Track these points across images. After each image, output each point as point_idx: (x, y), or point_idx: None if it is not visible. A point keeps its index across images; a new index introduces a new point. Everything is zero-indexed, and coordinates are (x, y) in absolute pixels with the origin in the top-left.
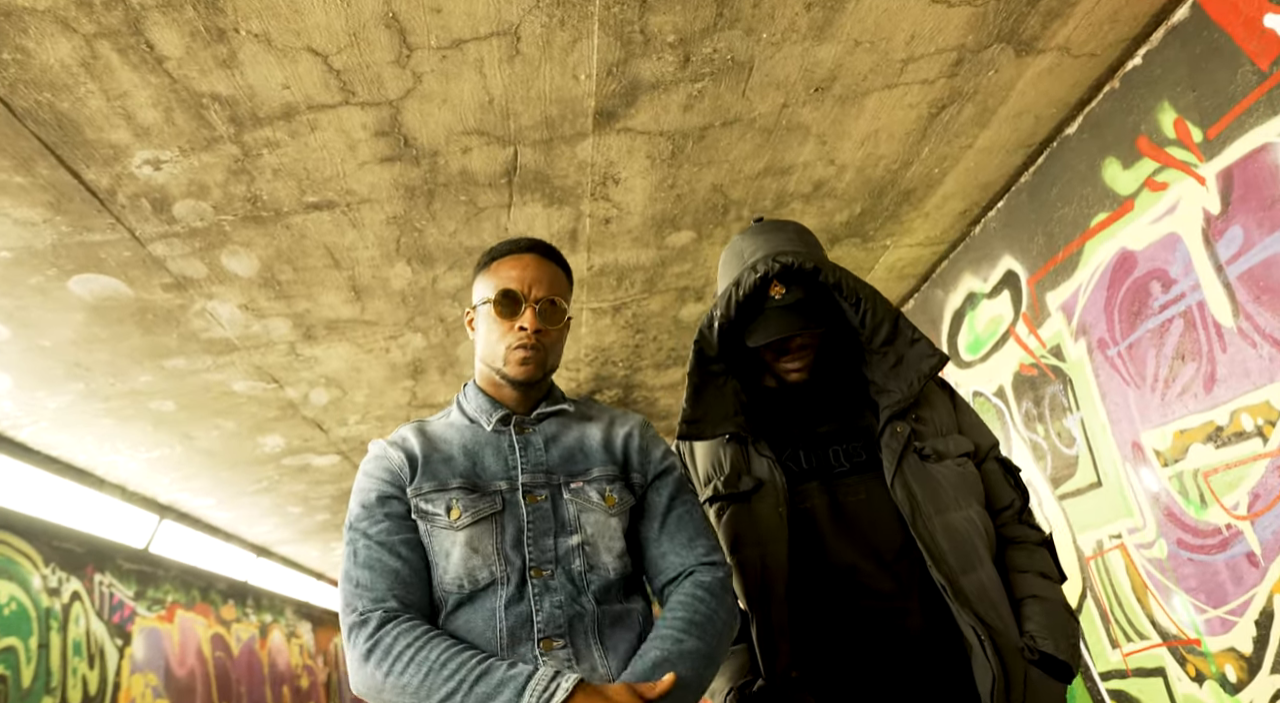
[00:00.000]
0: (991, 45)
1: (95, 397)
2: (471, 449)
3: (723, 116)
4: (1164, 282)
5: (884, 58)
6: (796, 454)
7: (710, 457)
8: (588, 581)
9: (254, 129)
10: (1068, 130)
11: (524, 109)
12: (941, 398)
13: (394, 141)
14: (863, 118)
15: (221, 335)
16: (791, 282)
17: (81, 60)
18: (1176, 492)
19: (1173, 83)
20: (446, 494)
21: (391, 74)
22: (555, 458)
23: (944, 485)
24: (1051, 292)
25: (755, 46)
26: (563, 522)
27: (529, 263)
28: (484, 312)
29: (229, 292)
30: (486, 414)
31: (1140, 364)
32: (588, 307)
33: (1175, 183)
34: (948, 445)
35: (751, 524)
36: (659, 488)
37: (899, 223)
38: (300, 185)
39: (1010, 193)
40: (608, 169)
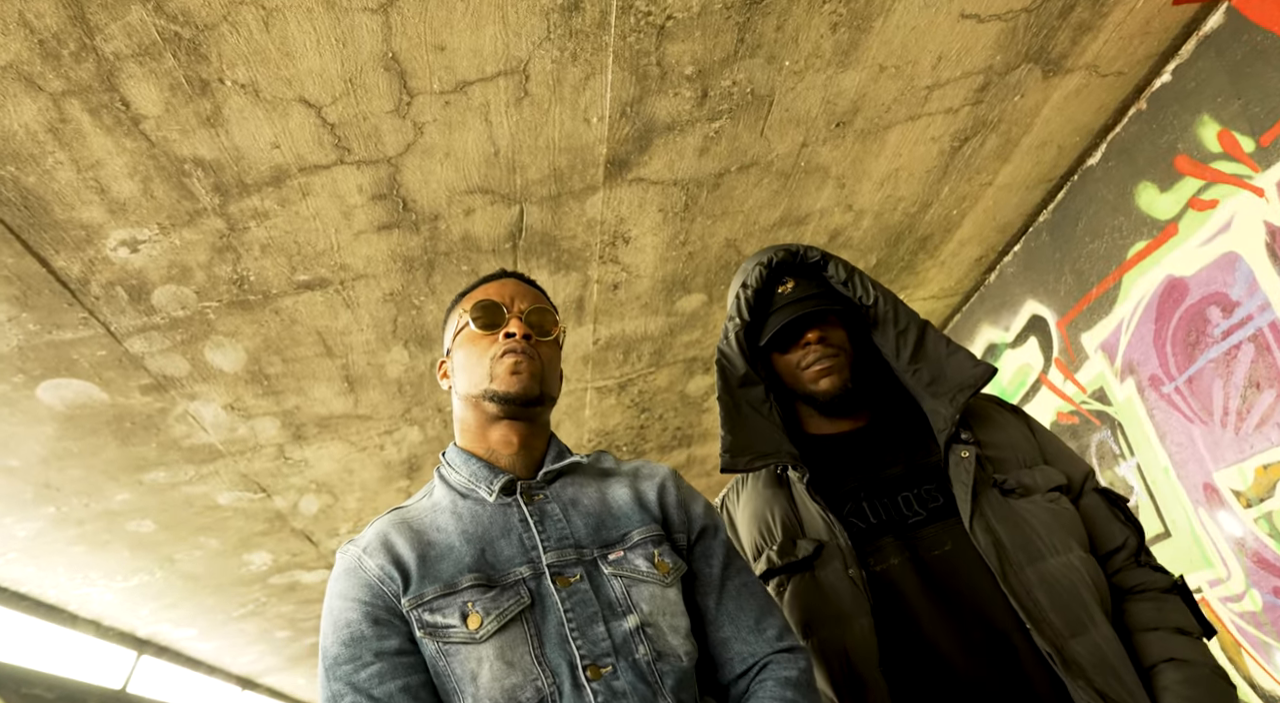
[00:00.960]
0: (1020, 66)
1: (68, 522)
2: (475, 533)
3: (739, 160)
4: (1224, 306)
5: (909, 84)
6: (861, 507)
7: (756, 522)
8: (660, 674)
9: (241, 198)
10: (1090, 161)
11: (531, 161)
12: (1013, 422)
13: (392, 206)
14: (884, 155)
15: (205, 441)
16: (802, 276)
17: (49, 125)
18: (1267, 534)
19: (1212, 94)
20: (458, 598)
21: (390, 126)
22: (582, 527)
23: (1035, 527)
24: (1087, 332)
25: (777, 76)
26: (610, 603)
27: (507, 283)
28: (462, 338)
29: (213, 390)
30: (485, 483)
31: (1205, 398)
32: (592, 385)
33: (1227, 199)
34: (1035, 478)
35: (822, 597)
36: (707, 553)
37: (914, 274)
38: (291, 262)
39: (1028, 234)
40: (618, 226)
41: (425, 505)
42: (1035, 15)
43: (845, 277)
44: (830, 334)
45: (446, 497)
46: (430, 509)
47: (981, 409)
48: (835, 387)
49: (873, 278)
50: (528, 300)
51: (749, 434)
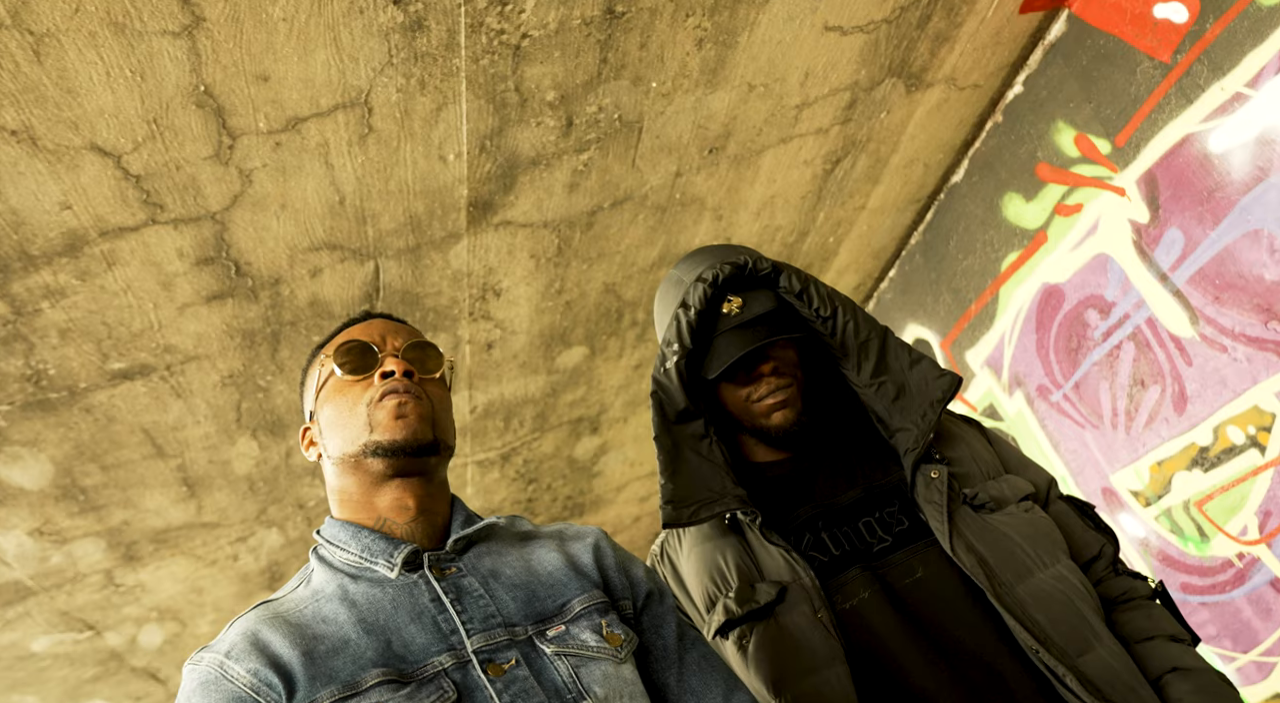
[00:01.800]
0: (884, 81)
1: None
2: (376, 620)
3: (612, 195)
4: (1101, 307)
5: (779, 103)
6: (820, 539)
7: (707, 569)
8: None
9: (26, 274)
10: (954, 178)
11: (383, 208)
12: (970, 433)
13: (222, 271)
14: (758, 182)
15: (9, 578)
16: (750, 290)
17: None
18: (1168, 531)
19: (1064, 100)
20: (364, 700)
21: (211, 174)
22: (510, 601)
23: (1016, 541)
24: (970, 350)
25: (645, 100)
26: (557, 689)
27: (374, 322)
28: (328, 392)
29: (14, 515)
30: (383, 557)
31: (1093, 402)
32: (473, 460)
33: (1090, 201)
34: (1003, 489)
35: (791, 648)
36: (657, 622)
37: None
38: (100, 348)
39: (902, 257)
40: (487, 278)
41: (302, 595)
42: (895, 26)
43: (800, 287)
44: (783, 359)
45: (330, 581)
46: (310, 599)
47: (941, 423)
48: (789, 421)
49: (829, 287)
50: (402, 336)
51: (690, 480)
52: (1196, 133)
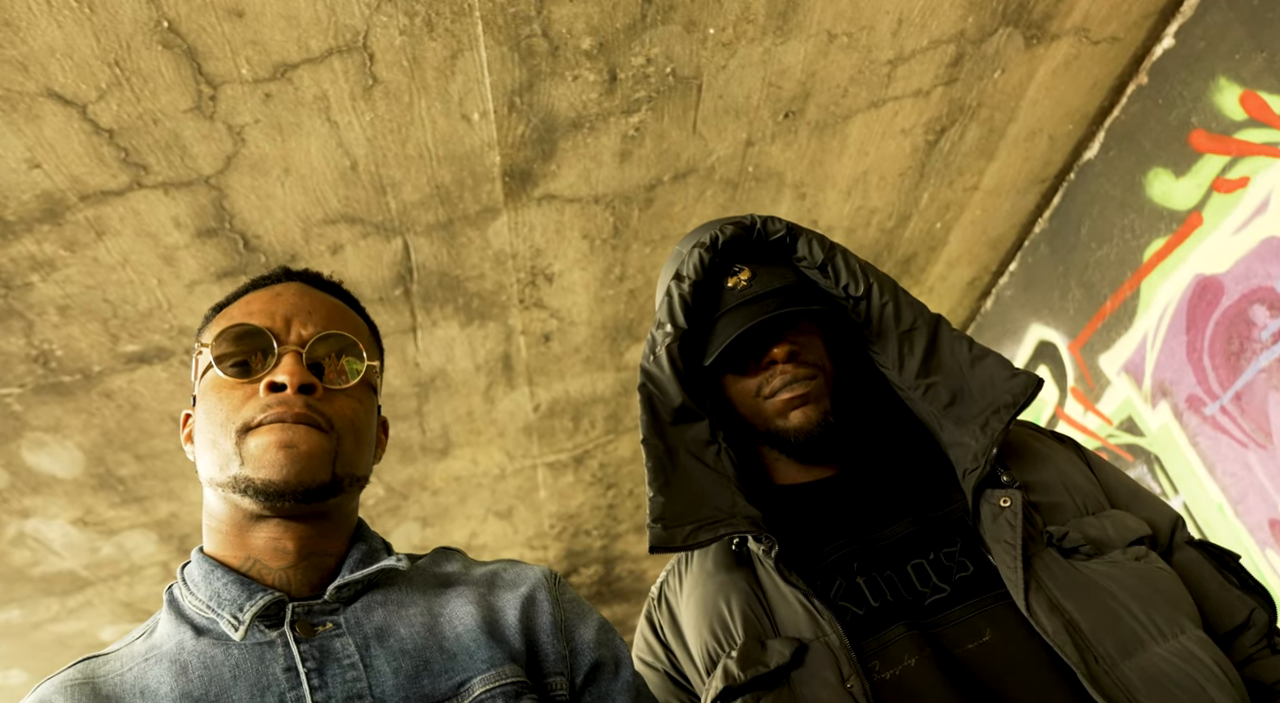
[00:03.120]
0: (996, 31)
1: None
2: (202, 697)
3: (672, 166)
4: (1271, 302)
5: (866, 57)
6: (855, 585)
7: (707, 618)
8: None
9: (6, 242)
10: (1087, 152)
11: (404, 175)
12: (1063, 453)
13: (229, 244)
14: (846, 154)
15: (62, 567)
16: (761, 262)
17: None
18: None
19: (1227, 52)
20: None
21: (195, 131)
22: (390, 676)
23: (1122, 599)
24: (1105, 354)
25: (701, 50)
26: None
27: (285, 292)
28: (204, 389)
29: (51, 503)
30: (230, 608)
31: (1259, 416)
32: (542, 461)
33: (1259, 174)
34: (1106, 528)
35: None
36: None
37: None
38: (108, 328)
39: (1025, 248)
40: (535, 260)
41: (135, 651)
42: None
43: (823, 258)
44: (803, 344)
45: (173, 635)
46: (139, 658)
47: (1019, 439)
48: (811, 422)
49: (861, 260)
50: (315, 320)
51: (689, 494)
52: None
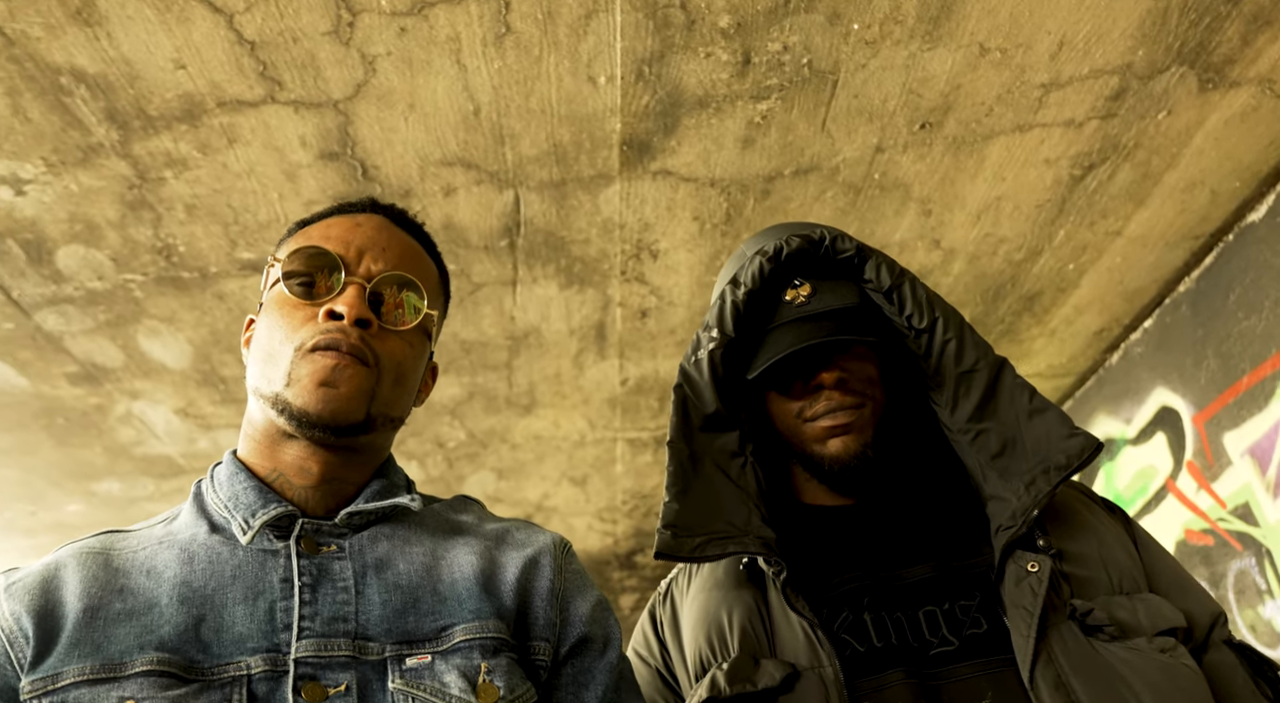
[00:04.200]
0: (1168, 69)
1: (14, 530)
2: (201, 588)
3: (795, 160)
4: None
5: (1018, 78)
6: (861, 620)
7: (706, 624)
8: None
9: (146, 135)
10: (1252, 215)
11: (524, 128)
12: (1110, 526)
13: (349, 170)
14: (982, 176)
15: (161, 451)
16: (825, 278)
17: None
18: None
19: None
20: (114, 689)
21: (331, 55)
22: (379, 605)
23: (1136, 689)
24: (1232, 432)
25: (843, 45)
26: None
27: (365, 223)
28: (269, 302)
29: (158, 389)
30: (243, 512)
31: None
32: (623, 436)
33: None
34: (1137, 614)
35: None
36: (582, 678)
37: (1016, 342)
38: (228, 232)
39: (1164, 305)
40: (642, 234)
41: (154, 534)
42: None
43: (890, 284)
44: (855, 371)
45: (190, 526)
46: (155, 542)
47: (1066, 503)
48: (850, 453)
49: (930, 291)
50: (388, 257)
51: (706, 505)
52: None
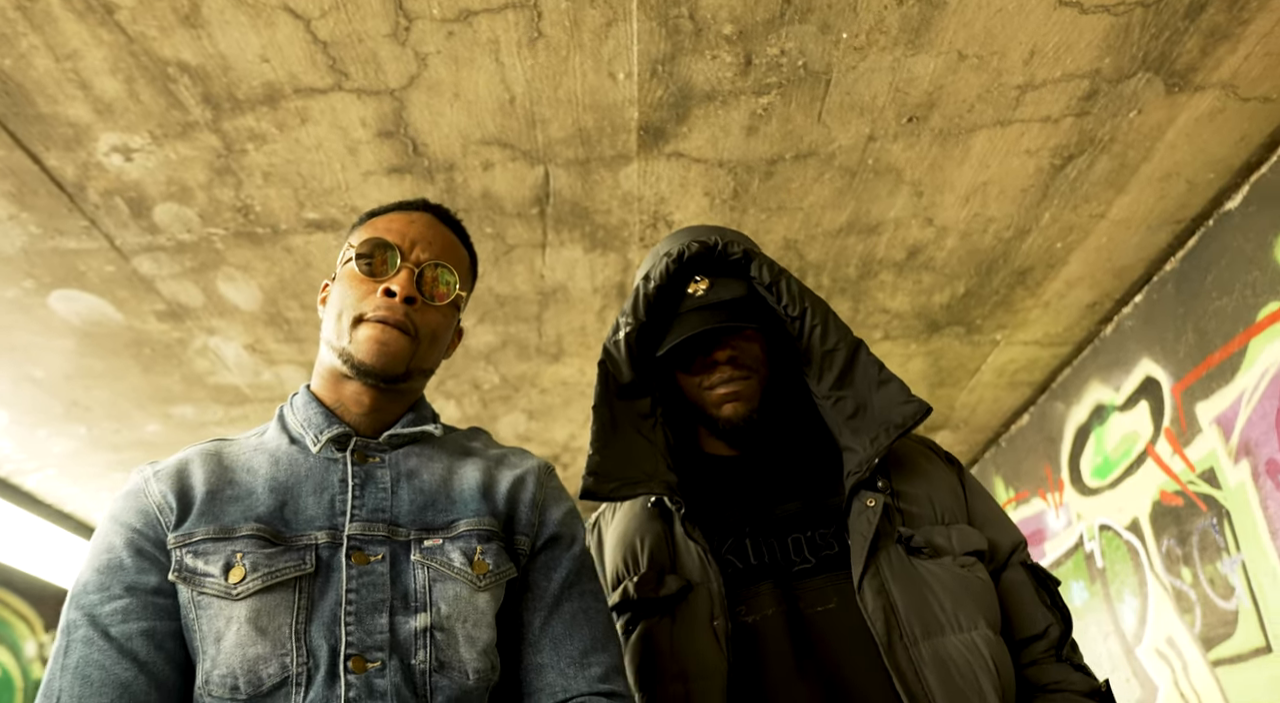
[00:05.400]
0: (1135, 74)
1: (102, 445)
2: (284, 482)
3: (795, 146)
4: None
5: (995, 80)
6: (743, 545)
7: (623, 547)
8: (434, 686)
9: (234, 115)
10: (1229, 203)
11: (553, 115)
12: (943, 473)
13: (401, 147)
14: (968, 163)
15: (230, 381)
16: (719, 275)
17: (15, 2)
18: None
19: None
20: (229, 545)
21: (390, 52)
22: (407, 503)
23: (939, 594)
24: (1203, 402)
25: (834, 51)
26: (405, 594)
27: (416, 219)
28: (344, 272)
29: (232, 327)
30: (316, 431)
31: None
32: None
33: None
34: (949, 538)
35: (674, 649)
36: (550, 564)
37: (1011, 312)
38: (297, 196)
39: (1152, 283)
40: (659, 206)
41: (250, 443)
42: (1154, 11)
43: (771, 279)
44: (744, 350)
45: (275, 439)
46: (253, 448)
47: (908, 454)
48: (739, 416)
49: (802, 284)
50: (433, 249)
51: (621, 456)
52: None
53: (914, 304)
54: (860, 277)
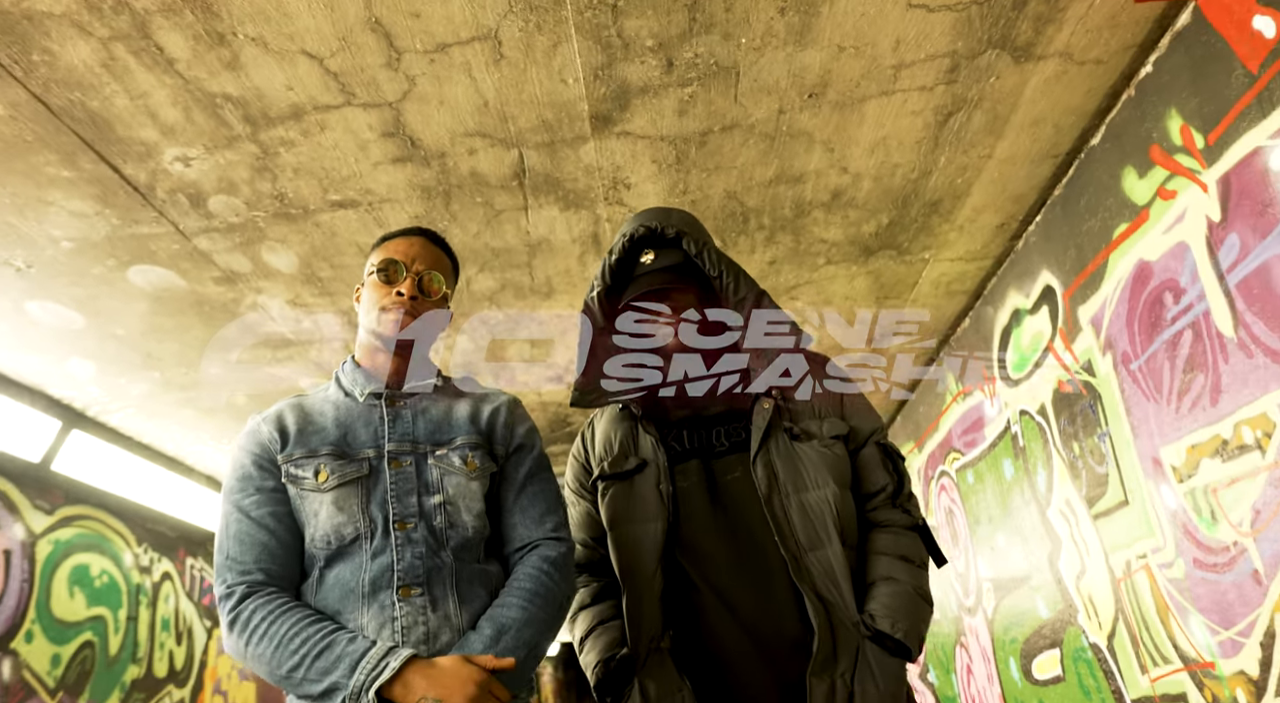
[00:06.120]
0: (986, 52)
1: (173, 386)
2: (344, 421)
3: (720, 122)
4: (1175, 292)
5: (873, 63)
6: (681, 435)
7: (604, 441)
8: (448, 536)
9: (268, 128)
10: (1092, 140)
11: (520, 112)
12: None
13: (401, 143)
14: (865, 125)
15: (276, 330)
16: (661, 248)
17: (102, 61)
18: (1191, 509)
19: (1179, 89)
20: (315, 460)
21: (386, 77)
22: (422, 429)
23: (806, 465)
24: (1083, 306)
25: (737, 51)
26: (426, 483)
27: (415, 242)
28: (369, 282)
29: (275, 287)
30: (360, 387)
31: (1158, 377)
32: None
33: (1183, 191)
34: (821, 427)
35: (632, 502)
36: (517, 463)
37: (932, 235)
38: (321, 184)
39: (1046, 206)
40: (615, 173)
41: (320, 396)
42: (986, 7)
43: (697, 251)
44: (679, 301)
45: (335, 393)
46: (321, 400)
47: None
48: (676, 347)
49: (719, 253)
50: (426, 262)
51: (598, 376)
52: (1265, 147)
53: (846, 234)
54: (795, 216)
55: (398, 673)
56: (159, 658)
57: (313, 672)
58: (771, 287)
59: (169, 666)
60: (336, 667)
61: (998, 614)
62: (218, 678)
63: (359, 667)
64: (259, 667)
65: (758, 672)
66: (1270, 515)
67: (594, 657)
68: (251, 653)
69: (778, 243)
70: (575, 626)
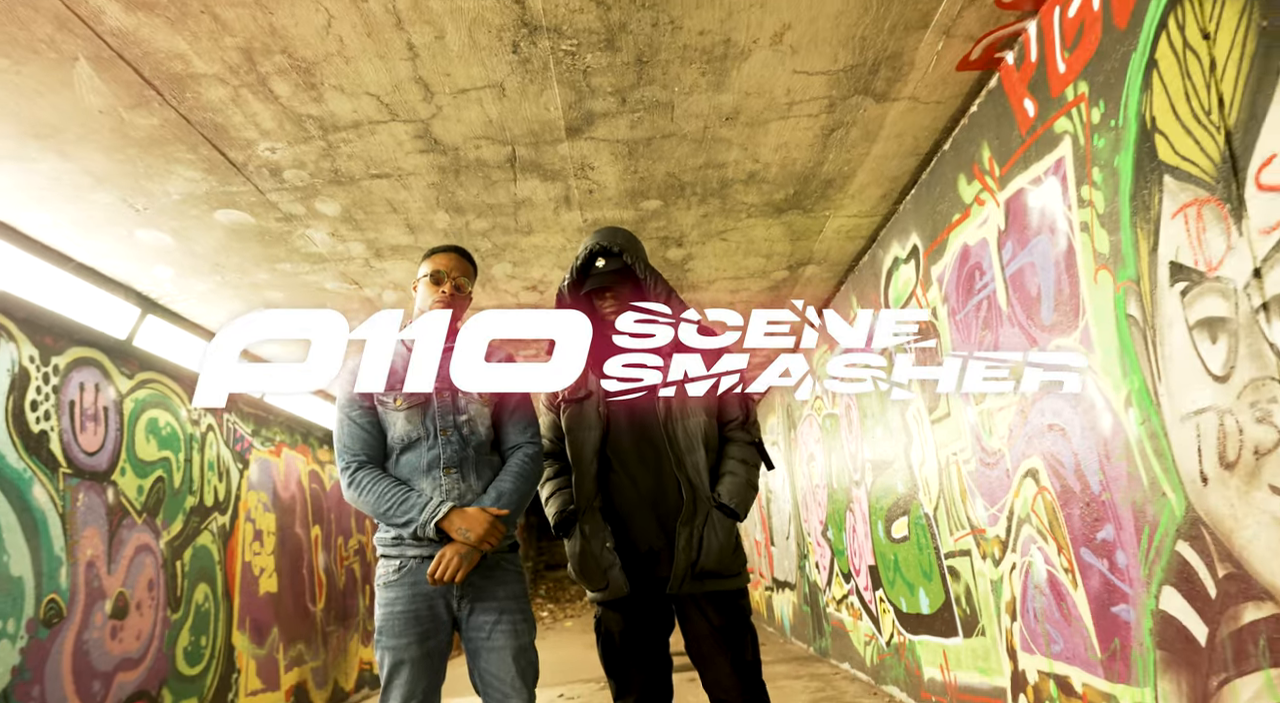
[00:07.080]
0: (853, 97)
1: (228, 286)
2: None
3: (660, 132)
4: (980, 272)
5: (771, 101)
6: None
7: None
8: (470, 439)
9: (334, 133)
10: (944, 147)
11: (515, 126)
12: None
13: (427, 142)
14: (770, 135)
15: (316, 251)
16: (609, 258)
17: (230, 97)
18: (980, 425)
19: (988, 128)
20: (393, 393)
21: (422, 107)
22: None
23: (688, 434)
24: (934, 265)
25: (672, 95)
26: (458, 407)
27: (451, 257)
28: (422, 282)
29: (321, 224)
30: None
31: (969, 330)
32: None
33: (988, 202)
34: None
35: (580, 418)
36: (508, 405)
37: (830, 201)
38: (366, 164)
39: (919, 183)
40: (583, 160)
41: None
42: (848, 74)
43: (632, 261)
44: (619, 293)
45: (399, 347)
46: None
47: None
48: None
49: (647, 263)
50: (458, 271)
51: None
52: (1026, 188)
53: (762, 199)
54: (721, 188)
55: (446, 515)
56: (208, 491)
57: (398, 513)
58: (706, 231)
59: (214, 497)
60: (411, 510)
61: (873, 488)
62: (248, 508)
63: (425, 511)
64: (365, 508)
65: (649, 522)
66: (1017, 433)
67: (553, 509)
68: (362, 500)
69: (709, 204)
70: (543, 490)
